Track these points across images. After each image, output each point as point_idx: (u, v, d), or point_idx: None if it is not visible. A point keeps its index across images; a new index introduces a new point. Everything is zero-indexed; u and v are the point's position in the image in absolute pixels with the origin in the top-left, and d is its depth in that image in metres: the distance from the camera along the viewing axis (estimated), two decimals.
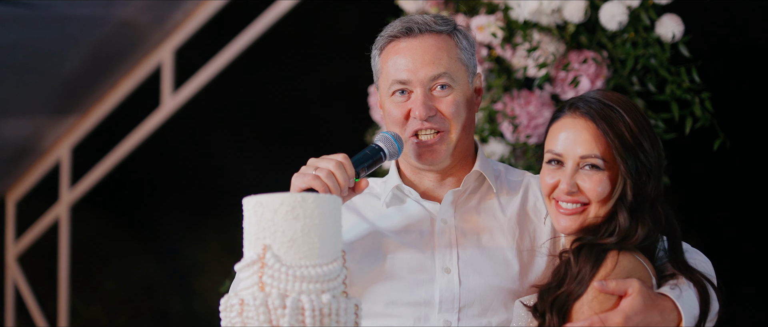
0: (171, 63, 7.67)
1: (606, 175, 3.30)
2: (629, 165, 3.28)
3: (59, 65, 7.55)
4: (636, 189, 3.28)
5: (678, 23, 4.94)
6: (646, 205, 3.29)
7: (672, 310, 3.16)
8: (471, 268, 3.52)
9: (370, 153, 3.50)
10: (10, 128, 8.12)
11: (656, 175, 3.33)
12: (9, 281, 8.86)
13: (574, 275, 3.22)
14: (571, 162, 3.34)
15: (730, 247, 5.63)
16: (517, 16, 5.09)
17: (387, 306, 3.51)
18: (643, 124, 3.35)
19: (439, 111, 3.54)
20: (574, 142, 3.34)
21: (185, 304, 8.14)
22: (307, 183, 3.30)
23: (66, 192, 8.45)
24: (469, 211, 3.62)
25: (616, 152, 3.28)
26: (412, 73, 3.54)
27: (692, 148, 5.21)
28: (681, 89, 4.90)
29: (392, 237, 3.60)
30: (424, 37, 3.58)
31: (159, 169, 8.15)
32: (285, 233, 2.89)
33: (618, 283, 3.14)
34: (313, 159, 3.39)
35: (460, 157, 3.62)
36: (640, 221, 3.28)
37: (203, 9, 7.44)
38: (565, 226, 3.36)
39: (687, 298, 3.22)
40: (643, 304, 3.10)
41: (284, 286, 2.87)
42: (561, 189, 3.35)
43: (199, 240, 7.92)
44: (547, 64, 5.01)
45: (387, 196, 3.67)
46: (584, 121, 3.34)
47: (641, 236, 3.26)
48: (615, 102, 3.36)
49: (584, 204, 3.34)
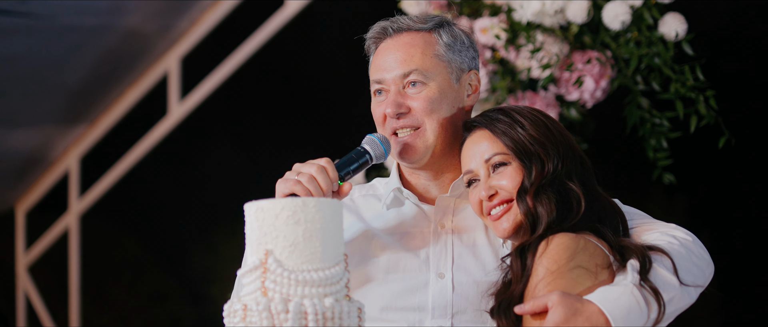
0: (177, 71, 7.69)
1: (516, 168, 3.39)
2: (519, 151, 3.38)
3: (66, 75, 7.56)
4: (535, 174, 3.36)
5: (681, 22, 4.94)
6: (547, 187, 3.34)
7: (599, 314, 3.12)
8: (465, 274, 3.52)
9: (355, 156, 3.53)
10: (19, 139, 8.14)
11: (558, 155, 3.39)
12: (20, 291, 8.87)
13: (518, 275, 3.26)
14: (482, 170, 3.43)
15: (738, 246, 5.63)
16: (520, 18, 5.09)
17: (382, 311, 3.51)
18: (525, 113, 3.47)
19: (412, 108, 3.57)
20: (477, 152, 3.45)
21: (197, 313, 8.15)
22: (289, 188, 3.34)
23: (75, 202, 8.47)
24: (467, 216, 3.61)
25: (505, 144, 3.40)
26: (385, 72, 3.60)
27: (697, 147, 5.21)
28: (685, 87, 4.90)
29: (389, 240, 3.61)
30: (398, 37, 3.64)
31: (168, 177, 8.16)
32: (287, 238, 2.89)
33: (534, 301, 3.15)
34: (298, 164, 3.42)
35: (446, 156, 3.62)
36: (540, 202, 3.33)
37: (209, 17, 7.45)
38: (503, 229, 3.41)
39: (619, 296, 3.15)
40: (564, 316, 3.09)
41: (287, 290, 2.87)
42: (483, 197, 3.42)
43: (209, 247, 7.93)
44: (550, 65, 5.01)
45: (387, 198, 3.69)
46: (479, 132, 3.47)
47: (546, 216, 3.31)
48: (501, 107, 3.53)
49: (508, 201, 3.40)
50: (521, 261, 3.26)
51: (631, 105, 5.03)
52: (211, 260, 7.96)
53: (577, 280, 3.18)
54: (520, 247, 3.30)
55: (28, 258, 8.85)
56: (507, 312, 3.25)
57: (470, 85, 3.67)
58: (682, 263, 3.31)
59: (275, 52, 7.31)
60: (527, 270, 3.24)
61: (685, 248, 3.37)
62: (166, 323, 8.29)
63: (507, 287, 3.30)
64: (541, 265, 3.20)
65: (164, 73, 7.75)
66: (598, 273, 3.22)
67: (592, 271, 3.21)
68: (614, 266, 3.25)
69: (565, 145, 3.42)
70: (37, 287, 8.83)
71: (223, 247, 7.81)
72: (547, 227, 3.30)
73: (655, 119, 5.01)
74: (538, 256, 3.22)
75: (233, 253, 7.56)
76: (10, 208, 8.99)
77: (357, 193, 3.78)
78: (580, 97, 5.05)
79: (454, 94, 3.61)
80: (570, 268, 3.19)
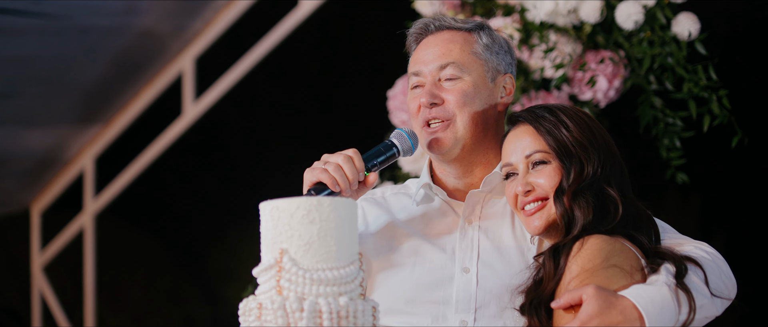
0: (192, 71, 7.69)
1: (555, 168, 3.41)
2: (561, 152, 3.41)
3: (81, 75, 7.58)
4: (574, 176, 3.37)
5: (694, 21, 4.93)
6: (585, 190, 3.36)
7: (633, 309, 3.14)
8: (489, 269, 3.55)
9: (383, 149, 3.58)
10: (34, 139, 8.16)
11: (598, 159, 3.40)
12: (35, 291, 8.89)
13: (550, 274, 3.27)
14: (522, 165, 3.46)
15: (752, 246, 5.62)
16: (533, 18, 5.09)
17: (407, 304, 3.55)
18: (572, 114, 3.48)
19: (446, 100, 3.62)
20: (519, 146, 3.48)
21: (212, 313, 8.16)
22: (316, 176, 3.41)
23: (90, 202, 8.48)
24: (494, 213, 3.65)
25: (547, 143, 3.42)
26: (423, 64, 3.67)
27: (711, 146, 5.20)
28: (698, 87, 4.89)
29: (416, 234, 3.65)
30: (439, 34, 3.72)
31: (182, 178, 8.17)
32: (302, 237, 2.91)
33: (569, 294, 3.15)
34: (326, 154, 3.48)
35: (476, 152, 3.67)
36: (577, 204, 3.35)
37: (223, 17, 7.46)
38: (535, 226, 3.44)
39: (653, 293, 3.18)
40: (598, 308, 3.10)
41: (301, 289, 2.89)
42: (519, 192, 3.44)
43: (224, 247, 7.94)
44: (564, 65, 5.02)
45: (418, 195, 3.74)
46: (523, 126, 3.50)
47: (582, 218, 3.33)
48: (548, 105, 3.54)
49: (543, 199, 3.42)
50: (554, 261, 3.28)
51: (644, 104, 5.03)
52: (226, 260, 7.97)
53: (612, 279, 3.20)
54: (554, 247, 3.32)
55: (43, 258, 8.87)
56: (537, 310, 3.27)
57: (504, 88, 3.73)
58: (712, 275, 3.34)
59: (289, 53, 7.31)
60: (560, 269, 3.26)
61: (714, 263, 3.40)
62: (180, 323, 8.30)
63: (538, 285, 3.32)
64: (576, 264, 3.22)
65: (179, 74, 7.76)
66: (633, 273, 3.24)
67: (627, 272, 3.23)
68: (646, 270, 3.26)
69: (607, 150, 3.44)
70: (53, 287, 8.85)
71: (238, 247, 7.83)
72: (583, 229, 3.32)
73: (668, 119, 5.01)
74: (572, 255, 3.24)
75: (248, 252, 7.59)
76: (25, 208, 9.01)
77: (389, 192, 3.84)
78: (593, 97, 5.05)
79: (488, 92, 3.67)
80: (604, 267, 3.21)
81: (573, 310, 3.16)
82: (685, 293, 3.22)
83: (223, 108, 7.67)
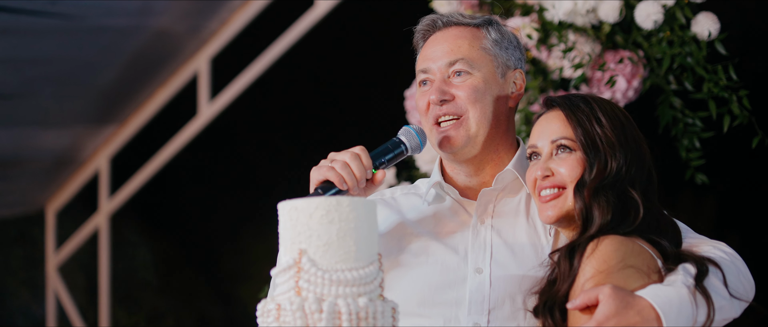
0: (207, 71, 7.70)
1: (578, 159, 3.39)
2: (587, 145, 3.38)
3: (96, 76, 7.59)
4: (596, 171, 3.35)
5: (714, 21, 4.90)
6: (608, 188, 3.33)
7: (650, 309, 3.10)
8: (503, 269, 3.51)
9: (391, 146, 3.54)
10: (49, 139, 8.17)
11: (625, 159, 3.37)
12: (50, 291, 8.91)
13: (565, 274, 3.25)
14: (546, 148, 3.44)
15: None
16: (552, 17, 5.07)
17: (419, 305, 3.50)
18: (608, 109, 3.46)
19: (456, 97, 3.58)
20: (547, 130, 3.45)
21: (226, 313, 8.16)
22: (323, 175, 3.38)
23: (105, 202, 8.49)
24: (507, 211, 3.61)
25: (575, 132, 3.40)
26: (431, 61, 3.63)
27: (731, 147, 5.18)
28: (718, 87, 4.87)
29: (429, 236, 3.60)
30: (447, 30, 3.68)
31: (197, 178, 8.18)
32: (320, 237, 2.88)
33: (585, 294, 3.12)
34: (333, 152, 3.44)
35: (489, 150, 3.63)
36: (597, 202, 3.32)
37: (239, 17, 7.46)
38: (548, 215, 3.41)
39: (671, 294, 3.14)
40: (615, 308, 3.07)
41: (321, 290, 2.86)
42: (538, 176, 3.42)
43: (239, 247, 7.94)
44: (582, 65, 5.00)
45: (429, 194, 3.69)
46: (556, 112, 3.47)
47: (600, 218, 3.30)
48: (586, 95, 3.52)
49: (561, 187, 3.40)
50: (569, 261, 3.25)
51: (663, 105, 5.00)
52: (240, 260, 7.97)
53: (628, 280, 3.16)
54: (568, 246, 3.29)
55: (58, 258, 8.88)
56: (551, 311, 3.25)
57: (515, 84, 3.68)
58: (731, 276, 3.30)
59: (305, 53, 7.31)
60: (574, 270, 3.23)
61: (733, 263, 3.36)
62: (194, 323, 8.31)
63: (551, 286, 3.30)
64: (590, 265, 3.19)
65: (194, 74, 7.77)
66: (650, 274, 3.21)
67: (644, 272, 3.20)
68: (663, 271, 3.24)
69: (636, 152, 3.41)
70: (67, 287, 8.87)
71: (252, 248, 7.83)
72: (599, 229, 3.28)
73: (687, 119, 4.98)
74: (587, 256, 3.21)
75: (263, 253, 7.58)
76: (40, 208, 9.03)
77: (399, 192, 3.80)
78: (612, 97, 5.03)
79: (499, 88, 3.63)
80: (620, 268, 3.17)
81: (589, 311, 3.14)
82: (704, 294, 3.19)
83: (239, 108, 7.66)
